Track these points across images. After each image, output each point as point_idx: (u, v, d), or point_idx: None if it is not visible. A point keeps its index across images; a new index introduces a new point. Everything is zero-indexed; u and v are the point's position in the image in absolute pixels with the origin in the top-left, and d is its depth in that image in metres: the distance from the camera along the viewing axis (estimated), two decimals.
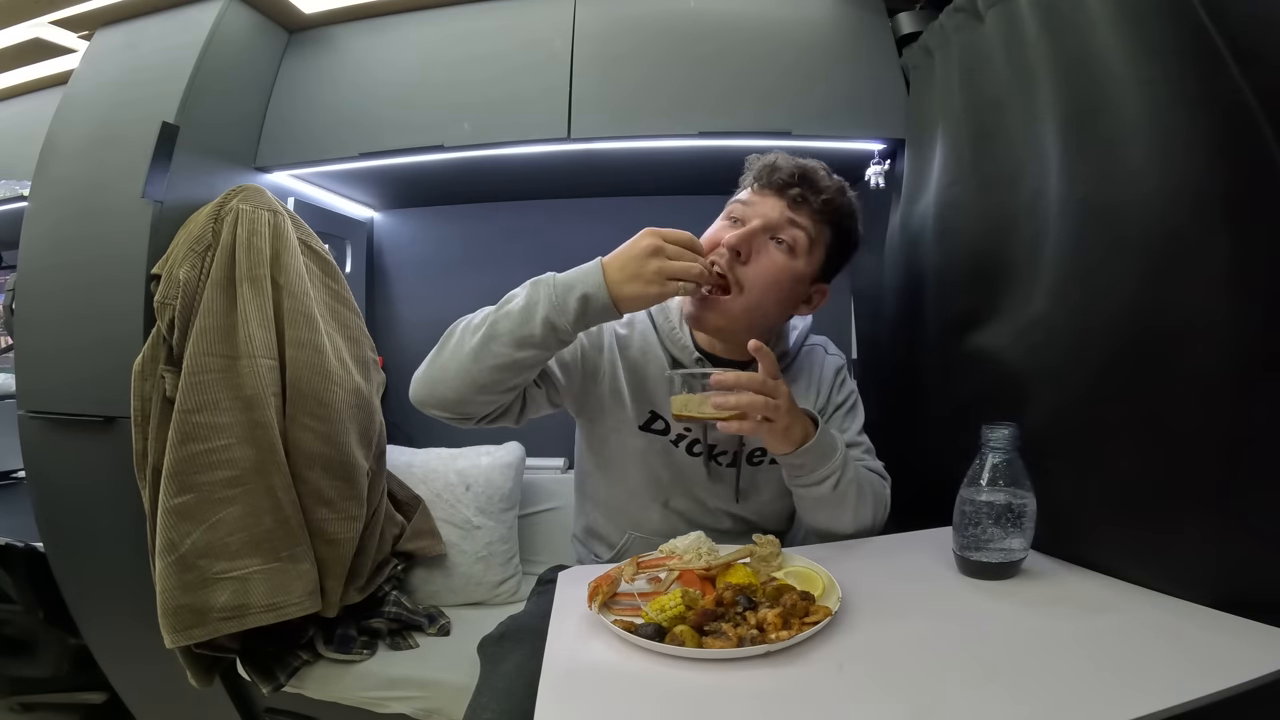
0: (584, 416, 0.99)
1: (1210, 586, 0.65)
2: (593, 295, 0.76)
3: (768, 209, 0.85)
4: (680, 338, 0.94)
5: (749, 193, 0.89)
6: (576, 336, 0.81)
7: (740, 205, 0.88)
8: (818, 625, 0.62)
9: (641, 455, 0.95)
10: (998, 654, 0.61)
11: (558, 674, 0.60)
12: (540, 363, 0.81)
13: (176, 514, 0.94)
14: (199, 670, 1.05)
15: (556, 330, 0.77)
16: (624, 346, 0.96)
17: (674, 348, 0.95)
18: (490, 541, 1.34)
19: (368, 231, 1.72)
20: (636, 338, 0.97)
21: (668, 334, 0.96)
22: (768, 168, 0.88)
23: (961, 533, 0.77)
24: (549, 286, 0.77)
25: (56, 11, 1.23)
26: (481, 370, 0.78)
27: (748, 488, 0.96)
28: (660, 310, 0.97)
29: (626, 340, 0.96)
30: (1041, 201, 0.83)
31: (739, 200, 0.89)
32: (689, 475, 0.96)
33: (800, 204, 0.85)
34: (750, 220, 0.85)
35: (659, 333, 0.96)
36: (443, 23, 1.31)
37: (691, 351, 0.93)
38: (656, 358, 0.95)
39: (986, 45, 0.94)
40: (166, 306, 1.01)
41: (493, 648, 0.89)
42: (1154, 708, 0.50)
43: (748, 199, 0.88)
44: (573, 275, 0.78)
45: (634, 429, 0.95)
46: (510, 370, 0.78)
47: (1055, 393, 0.80)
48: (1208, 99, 0.62)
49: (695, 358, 0.92)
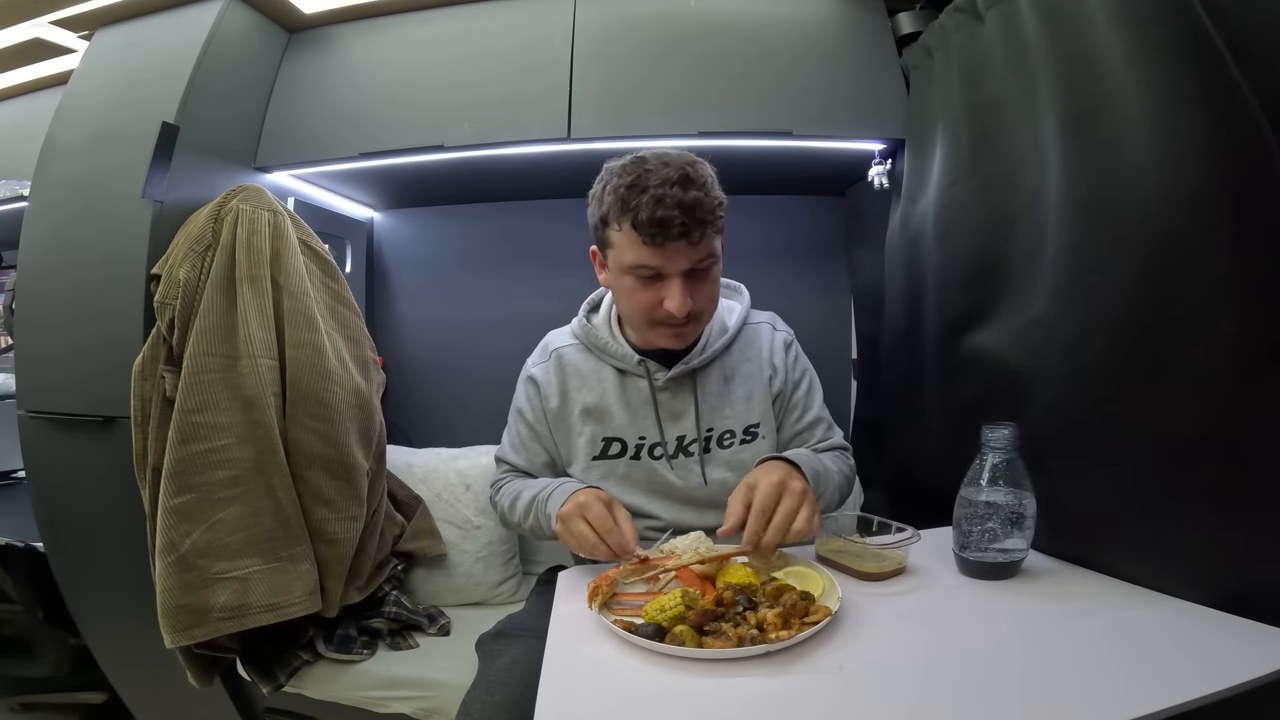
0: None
1: (1210, 586, 0.66)
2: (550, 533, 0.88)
3: (680, 261, 0.83)
4: (615, 346, 0.99)
5: (644, 250, 0.82)
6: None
7: (645, 268, 0.84)
8: (818, 625, 0.62)
9: (605, 480, 0.99)
10: (998, 654, 0.61)
11: (558, 673, 0.60)
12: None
13: (176, 514, 0.94)
14: (199, 670, 1.05)
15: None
16: (559, 395, 1.01)
17: (610, 359, 0.99)
18: (490, 541, 1.34)
19: (368, 231, 1.72)
20: (568, 380, 1.01)
21: (596, 346, 1.00)
22: (654, 223, 0.80)
23: (961, 533, 0.77)
24: (546, 519, 0.89)
25: (56, 11, 1.23)
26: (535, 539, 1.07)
27: (714, 470, 0.98)
28: (583, 334, 1.02)
29: (558, 388, 1.01)
30: (1041, 201, 0.84)
31: (639, 263, 0.84)
32: (658, 476, 0.98)
33: (703, 234, 0.83)
34: (671, 274, 0.84)
35: (589, 348, 1.01)
36: (443, 23, 1.31)
37: (633, 357, 0.97)
38: (593, 380, 1.00)
39: (986, 45, 0.94)
40: (166, 306, 1.01)
41: (490, 644, 0.90)
42: (1154, 708, 0.50)
43: (650, 260, 0.83)
44: (552, 508, 0.87)
45: (588, 463, 0.99)
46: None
47: (1055, 393, 0.80)
48: (1207, 99, 0.62)
49: (637, 360, 0.97)
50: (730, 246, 0.92)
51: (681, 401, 0.98)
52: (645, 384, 0.98)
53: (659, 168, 0.82)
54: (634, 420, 0.98)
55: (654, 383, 0.97)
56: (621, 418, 0.98)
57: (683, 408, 0.98)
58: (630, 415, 0.98)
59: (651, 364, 0.97)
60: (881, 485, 1.33)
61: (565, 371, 1.01)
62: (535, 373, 1.04)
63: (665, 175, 0.80)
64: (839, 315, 1.61)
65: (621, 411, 0.98)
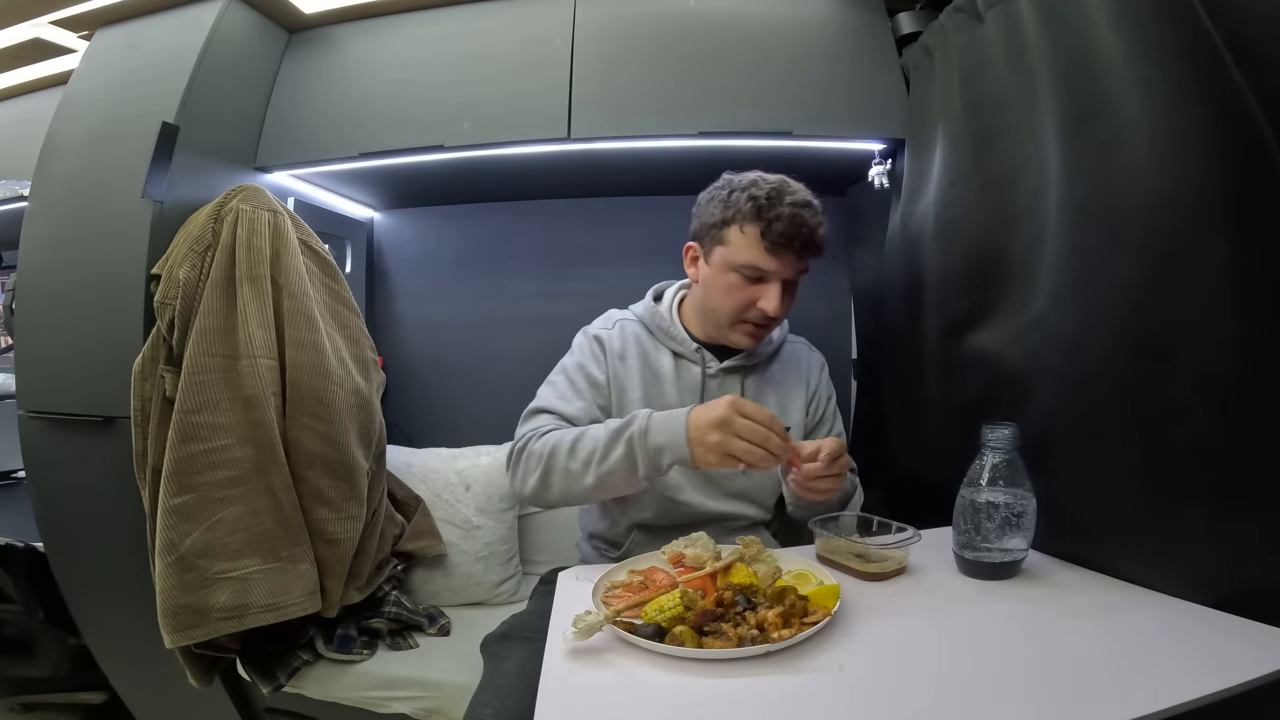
0: None
1: (1211, 586, 0.66)
2: (679, 458, 0.85)
3: (786, 271, 0.95)
4: (676, 331, 1.05)
5: (762, 254, 0.93)
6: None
7: (755, 269, 0.95)
8: (818, 625, 0.62)
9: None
10: (998, 654, 0.61)
11: (557, 674, 0.60)
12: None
13: (176, 514, 0.94)
14: (199, 670, 1.05)
15: (646, 478, 0.88)
16: (620, 358, 1.04)
17: (670, 342, 1.05)
18: (490, 541, 1.34)
19: (368, 231, 1.72)
20: (630, 346, 1.05)
21: (658, 329, 1.05)
22: (783, 234, 0.92)
23: (961, 533, 0.77)
24: (645, 452, 0.86)
25: (56, 11, 1.23)
26: (589, 497, 0.95)
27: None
28: (649, 315, 1.07)
29: (620, 351, 1.04)
30: (1041, 201, 0.84)
31: (753, 264, 0.94)
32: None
33: (812, 255, 0.97)
34: (771, 281, 0.95)
35: (650, 330, 1.06)
36: (443, 22, 1.31)
37: (691, 344, 1.04)
38: (651, 356, 1.04)
39: (986, 45, 0.94)
40: (166, 306, 1.01)
41: (496, 646, 0.90)
42: (1154, 708, 0.50)
43: (764, 264, 0.94)
44: (663, 439, 0.85)
45: None
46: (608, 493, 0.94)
47: (1055, 393, 0.80)
48: (1207, 99, 0.62)
49: (695, 348, 1.04)
50: None
51: (728, 392, 0.99)
52: (698, 371, 1.04)
53: (790, 190, 0.95)
54: (683, 403, 0.99)
55: (706, 370, 1.03)
56: (673, 398, 1.02)
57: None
58: (681, 398, 1.02)
59: (706, 353, 1.04)
60: (881, 485, 1.33)
61: (628, 341, 1.05)
62: (602, 334, 1.06)
63: (797, 199, 0.94)
64: (839, 315, 1.61)
65: (674, 392, 1.03)
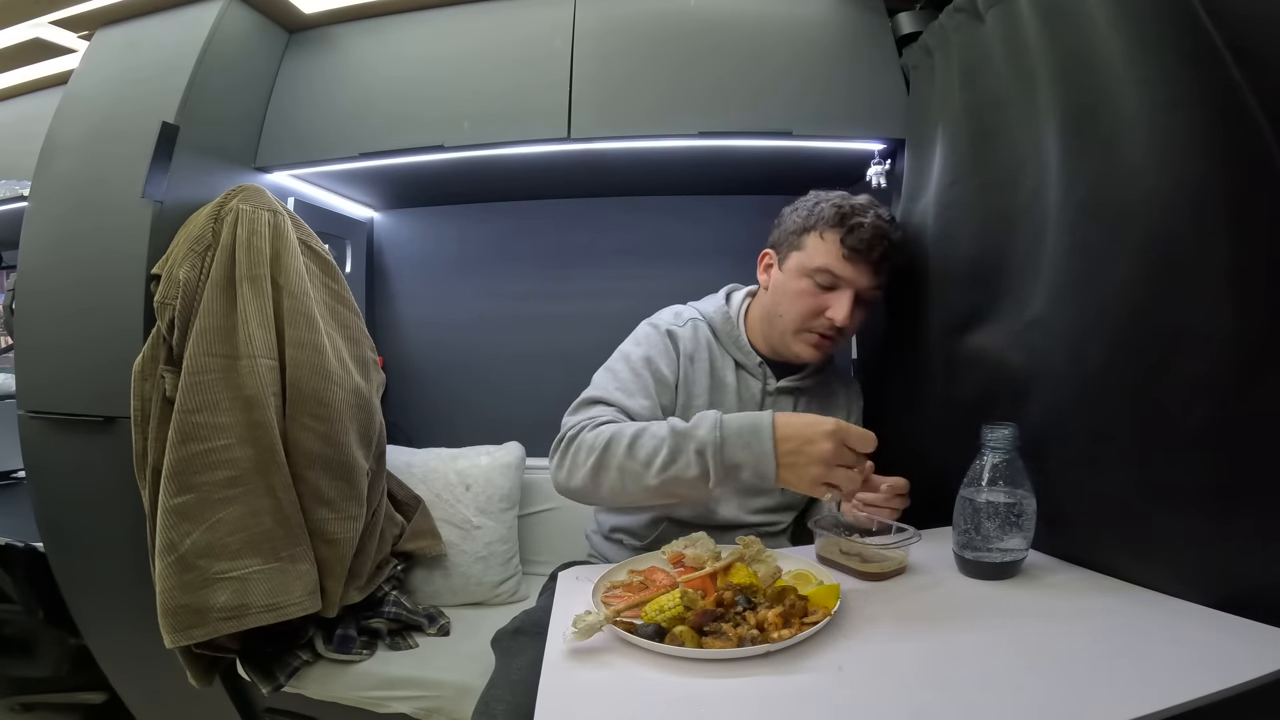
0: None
1: (1210, 586, 0.65)
2: (761, 477, 0.78)
3: (862, 281, 0.97)
4: (742, 341, 1.05)
5: (838, 259, 0.96)
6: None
7: (831, 275, 0.97)
8: (818, 625, 0.62)
9: None
10: (997, 654, 0.61)
11: (557, 673, 0.60)
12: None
13: (176, 514, 0.94)
14: (199, 670, 1.05)
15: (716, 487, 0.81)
16: (691, 359, 1.03)
17: (736, 351, 1.05)
18: (490, 541, 1.34)
19: (368, 231, 1.72)
20: (702, 350, 1.04)
21: (727, 336, 1.06)
22: (864, 242, 0.95)
23: (961, 533, 0.77)
24: (719, 466, 0.78)
25: (56, 11, 1.23)
26: (645, 500, 0.86)
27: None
28: (721, 321, 1.06)
29: (692, 353, 1.03)
30: (1041, 201, 0.83)
31: (827, 269, 0.96)
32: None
33: (888, 268, 0.99)
34: (843, 289, 0.97)
35: (718, 335, 1.06)
36: (443, 22, 1.31)
37: (756, 358, 1.05)
38: (718, 364, 1.04)
39: (986, 45, 0.94)
40: (166, 306, 1.01)
41: (508, 641, 0.91)
42: (1154, 707, 0.50)
43: (839, 269, 0.96)
44: (743, 456, 0.78)
45: None
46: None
47: (1055, 393, 0.80)
48: (1207, 98, 0.62)
49: (757, 362, 1.05)
50: (731, 246, 0.93)
51: (781, 410, 0.97)
52: (759, 387, 1.05)
53: (875, 206, 0.99)
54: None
55: (766, 388, 1.05)
56: (733, 407, 1.01)
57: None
58: (741, 409, 0.96)
59: (768, 369, 1.05)
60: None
61: (700, 343, 1.04)
62: (675, 330, 1.04)
63: (880, 215, 0.98)
64: None
65: (735, 406, 1.02)
